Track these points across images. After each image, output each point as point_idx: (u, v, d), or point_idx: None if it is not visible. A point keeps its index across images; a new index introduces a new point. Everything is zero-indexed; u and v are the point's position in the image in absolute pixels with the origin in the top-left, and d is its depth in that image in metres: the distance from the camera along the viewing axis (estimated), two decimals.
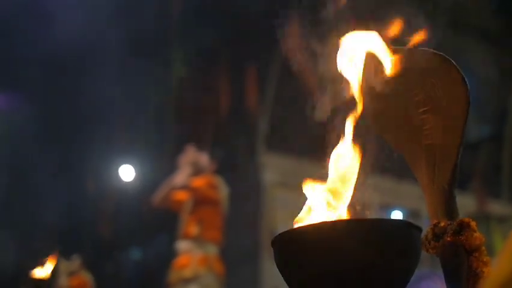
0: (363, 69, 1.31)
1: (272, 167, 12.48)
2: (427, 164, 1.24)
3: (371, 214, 1.19)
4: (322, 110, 1.36)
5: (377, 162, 1.30)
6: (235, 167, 12.06)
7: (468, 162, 12.92)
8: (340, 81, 1.37)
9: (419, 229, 1.12)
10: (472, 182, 13.35)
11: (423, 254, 1.20)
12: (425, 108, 1.25)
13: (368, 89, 1.31)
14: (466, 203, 12.65)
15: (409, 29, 1.31)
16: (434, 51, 1.24)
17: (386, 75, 1.28)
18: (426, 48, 1.26)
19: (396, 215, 13.30)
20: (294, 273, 1.10)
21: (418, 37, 1.29)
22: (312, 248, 1.05)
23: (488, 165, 14.12)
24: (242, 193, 11.21)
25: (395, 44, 1.31)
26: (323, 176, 1.30)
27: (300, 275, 1.08)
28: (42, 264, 6.37)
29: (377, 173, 1.32)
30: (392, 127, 1.32)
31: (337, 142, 1.33)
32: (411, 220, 1.14)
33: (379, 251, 1.04)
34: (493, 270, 0.70)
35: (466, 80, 1.21)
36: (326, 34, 1.39)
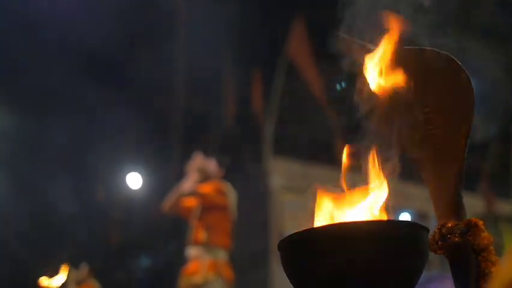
0: (370, 71, 1.31)
1: (279, 172, 12.48)
2: (433, 164, 1.23)
3: (379, 216, 1.18)
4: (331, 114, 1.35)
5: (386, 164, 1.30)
6: (243, 172, 12.06)
7: (476, 162, 12.87)
8: (347, 85, 1.37)
9: (426, 230, 1.12)
10: (480, 183, 13.29)
11: (433, 255, 1.19)
12: (430, 108, 1.24)
13: (373, 90, 1.30)
14: (474, 204, 12.60)
15: (414, 29, 1.30)
16: (439, 50, 1.24)
17: (391, 75, 1.27)
18: (432, 48, 1.25)
19: (405, 216, 13.26)
20: (301, 276, 1.10)
21: (423, 37, 1.29)
22: (319, 250, 1.04)
23: (496, 166, 14.07)
24: (250, 198, 11.20)
25: (400, 44, 1.30)
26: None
27: (307, 277, 1.08)
28: (51, 272, 6.37)
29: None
30: (398, 127, 1.31)
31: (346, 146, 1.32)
32: (419, 222, 1.14)
33: (386, 252, 1.03)
34: (501, 269, 0.69)
35: (471, 79, 1.21)
36: (331, 40, 1.39)
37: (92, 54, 10.17)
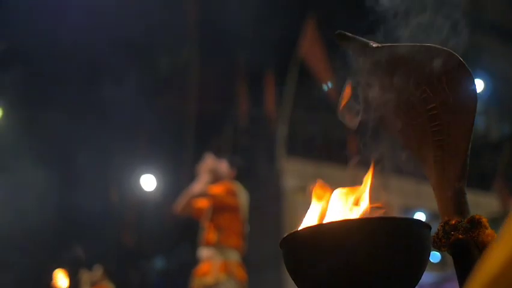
0: (372, 69, 1.30)
1: (292, 173, 12.46)
2: (436, 161, 1.22)
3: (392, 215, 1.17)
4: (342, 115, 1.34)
5: (398, 164, 1.29)
6: (256, 173, 12.06)
7: (490, 161, 12.79)
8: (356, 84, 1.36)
9: (428, 227, 1.11)
10: (495, 182, 13.20)
11: (448, 255, 1.18)
12: (433, 105, 1.23)
13: (377, 87, 1.29)
14: (489, 203, 12.53)
15: (424, 26, 1.30)
16: (442, 47, 1.23)
17: (394, 72, 1.26)
18: (434, 45, 1.24)
19: (418, 216, 13.20)
20: (302, 273, 1.09)
21: (429, 35, 1.28)
22: (319, 248, 1.04)
23: (510, 164, 13.96)
24: (263, 199, 11.20)
25: (405, 40, 1.29)
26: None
27: (309, 274, 1.07)
28: (65, 274, 6.39)
29: (399, 176, 1.30)
30: (401, 124, 1.30)
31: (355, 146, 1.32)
32: (433, 221, 1.13)
33: (386, 249, 1.03)
34: (483, 265, 0.66)
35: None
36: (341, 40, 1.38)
37: (104, 55, 10.21)
